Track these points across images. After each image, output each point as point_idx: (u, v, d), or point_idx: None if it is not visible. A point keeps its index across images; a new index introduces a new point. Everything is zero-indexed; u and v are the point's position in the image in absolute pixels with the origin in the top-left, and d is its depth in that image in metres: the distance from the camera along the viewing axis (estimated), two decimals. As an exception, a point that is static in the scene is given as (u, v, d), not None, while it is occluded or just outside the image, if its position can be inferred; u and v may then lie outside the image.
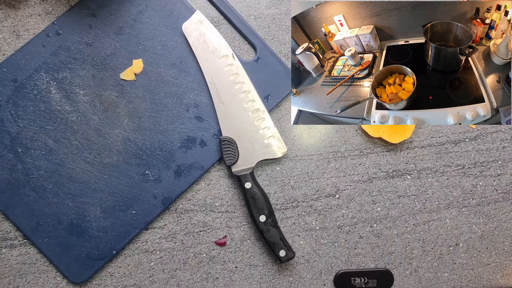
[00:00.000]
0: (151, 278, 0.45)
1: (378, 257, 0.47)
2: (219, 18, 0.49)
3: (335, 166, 0.49)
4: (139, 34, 0.47)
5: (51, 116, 0.45)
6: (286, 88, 0.49)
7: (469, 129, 0.50)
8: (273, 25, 0.50)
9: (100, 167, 0.45)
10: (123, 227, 0.45)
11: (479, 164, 0.50)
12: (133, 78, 0.47)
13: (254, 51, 0.49)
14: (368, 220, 0.48)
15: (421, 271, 0.48)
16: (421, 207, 0.49)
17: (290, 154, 0.48)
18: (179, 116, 0.47)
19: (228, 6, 0.49)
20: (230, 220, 0.47)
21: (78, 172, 0.45)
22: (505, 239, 0.49)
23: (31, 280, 0.43)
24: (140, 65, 0.47)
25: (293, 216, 0.47)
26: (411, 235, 0.48)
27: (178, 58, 0.48)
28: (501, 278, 0.48)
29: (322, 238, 0.47)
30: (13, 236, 0.44)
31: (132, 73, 0.47)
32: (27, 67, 0.46)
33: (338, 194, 0.48)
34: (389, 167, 0.49)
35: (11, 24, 0.47)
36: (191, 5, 0.49)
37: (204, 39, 0.47)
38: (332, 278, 0.47)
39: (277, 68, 0.49)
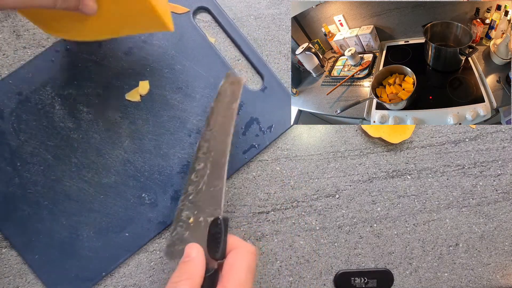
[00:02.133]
0: (151, 278, 0.45)
1: (378, 257, 0.47)
2: (228, 41, 0.49)
3: (335, 166, 0.49)
4: (148, 56, 0.47)
5: (52, 132, 0.45)
6: (288, 121, 0.48)
7: (469, 129, 0.50)
8: (273, 25, 0.50)
9: (97, 187, 0.44)
10: (115, 249, 0.44)
11: (479, 164, 0.50)
12: (138, 99, 0.46)
13: (261, 80, 0.49)
14: (368, 220, 0.48)
15: (421, 271, 0.48)
16: (421, 207, 0.49)
17: (290, 154, 0.48)
18: (180, 140, 0.46)
19: (238, 33, 0.49)
20: (230, 220, 0.47)
21: (74, 190, 0.44)
22: (505, 239, 0.49)
23: (31, 280, 0.43)
24: (146, 86, 0.46)
25: (293, 216, 0.47)
26: (411, 235, 0.48)
27: (184, 82, 0.47)
28: (501, 278, 0.48)
29: (322, 238, 0.47)
30: (13, 236, 0.44)
31: (138, 95, 0.46)
32: (33, 80, 0.45)
33: (338, 194, 0.48)
34: (389, 167, 0.49)
35: (11, 24, 0.47)
36: (203, 32, 0.48)
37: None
38: (332, 278, 0.47)
39: (283, 100, 0.48)
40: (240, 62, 0.49)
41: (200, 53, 0.48)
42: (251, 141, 0.47)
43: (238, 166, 0.47)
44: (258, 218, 0.47)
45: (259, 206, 0.47)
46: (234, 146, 0.47)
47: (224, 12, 0.49)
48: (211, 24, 0.49)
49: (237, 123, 0.47)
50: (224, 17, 0.49)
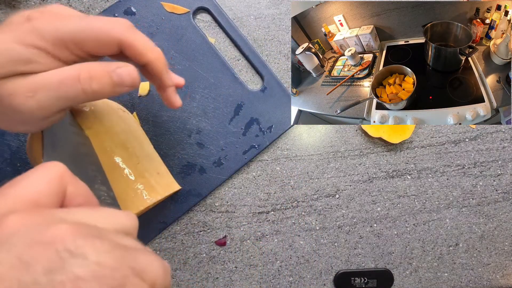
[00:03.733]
0: (151, 278, 0.45)
1: (378, 257, 0.47)
2: (227, 42, 0.49)
3: (335, 166, 0.49)
4: None
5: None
6: (288, 121, 0.48)
7: (469, 129, 0.50)
8: (273, 25, 0.50)
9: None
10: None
11: (479, 164, 0.50)
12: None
13: (261, 80, 0.49)
14: (368, 220, 0.48)
15: (421, 271, 0.48)
16: (421, 207, 0.49)
17: (290, 154, 0.48)
18: (180, 141, 0.46)
19: (238, 33, 0.49)
20: (230, 220, 0.47)
21: None
22: (505, 239, 0.49)
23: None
24: (146, 87, 0.46)
25: (293, 216, 0.47)
26: (411, 235, 0.48)
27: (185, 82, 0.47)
28: (501, 278, 0.48)
29: (322, 238, 0.47)
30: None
31: (138, 95, 0.46)
32: None
33: (338, 194, 0.48)
34: (389, 167, 0.49)
35: (11, 24, 0.47)
36: (203, 32, 0.48)
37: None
38: (332, 278, 0.47)
39: (283, 100, 0.48)
40: (240, 62, 0.49)
41: (200, 53, 0.48)
42: (251, 141, 0.47)
43: (238, 166, 0.47)
44: (258, 218, 0.47)
45: (259, 206, 0.47)
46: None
47: (224, 12, 0.49)
48: (211, 25, 0.49)
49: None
50: (224, 17, 0.49)
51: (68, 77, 0.26)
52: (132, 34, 0.29)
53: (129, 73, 0.28)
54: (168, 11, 0.48)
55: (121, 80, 0.28)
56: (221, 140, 0.47)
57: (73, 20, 0.26)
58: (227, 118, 0.47)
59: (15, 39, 0.24)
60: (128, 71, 0.28)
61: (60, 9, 0.28)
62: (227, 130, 0.47)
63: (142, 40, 0.29)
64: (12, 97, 0.25)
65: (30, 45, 0.25)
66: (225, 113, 0.47)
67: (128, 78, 0.28)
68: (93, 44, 0.27)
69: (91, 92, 0.27)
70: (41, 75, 0.25)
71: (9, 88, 0.25)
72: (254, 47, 0.49)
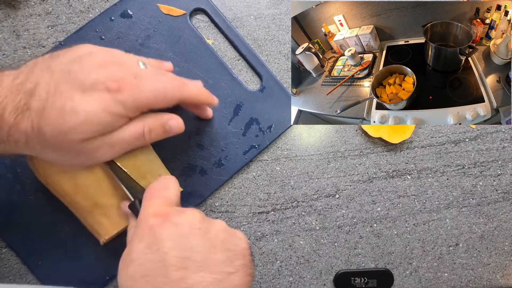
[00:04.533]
0: (151, 278, 0.45)
1: (378, 257, 0.47)
2: (225, 42, 0.49)
3: (335, 166, 0.49)
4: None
5: None
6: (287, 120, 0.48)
7: (469, 129, 0.50)
8: (273, 25, 0.50)
9: None
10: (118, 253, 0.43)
11: (479, 164, 0.50)
12: None
13: (259, 80, 0.49)
14: (368, 220, 0.48)
15: (421, 271, 0.48)
16: (421, 207, 0.49)
17: (290, 154, 0.48)
18: (180, 143, 0.46)
19: (235, 33, 0.49)
20: (230, 220, 0.47)
21: None
22: (505, 239, 0.49)
23: (31, 280, 0.43)
24: None
25: (293, 216, 0.47)
26: (411, 235, 0.48)
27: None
28: (501, 278, 0.48)
29: (322, 238, 0.47)
30: (13, 236, 0.44)
31: None
32: None
33: (338, 194, 0.48)
34: (389, 167, 0.49)
35: (11, 24, 0.47)
36: (200, 33, 0.48)
37: None
38: (332, 278, 0.47)
39: (282, 99, 0.48)
40: (238, 62, 0.49)
41: (198, 54, 0.48)
42: (251, 141, 0.47)
43: (238, 166, 0.47)
44: (258, 218, 0.47)
45: (259, 206, 0.47)
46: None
47: (221, 12, 0.49)
48: (209, 26, 0.49)
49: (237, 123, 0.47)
50: (221, 17, 0.49)
51: (136, 133, 0.34)
52: (187, 91, 0.37)
53: (177, 124, 0.37)
54: (165, 13, 0.48)
55: (171, 130, 0.37)
56: (221, 140, 0.47)
57: (146, 88, 0.33)
58: (226, 119, 0.47)
59: (103, 108, 0.31)
60: (177, 123, 0.37)
61: (112, 57, 0.34)
62: (227, 130, 0.47)
63: (195, 93, 0.38)
64: (95, 151, 0.33)
65: (115, 114, 0.32)
66: (225, 114, 0.47)
67: (176, 128, 0.37)
68: (161, 106, 0.35)
69: (149, 140, 0.36)
70: (117, 133, 0.33)
71: (94, 145, 0.32)
72: (254, 47, 0.49)
